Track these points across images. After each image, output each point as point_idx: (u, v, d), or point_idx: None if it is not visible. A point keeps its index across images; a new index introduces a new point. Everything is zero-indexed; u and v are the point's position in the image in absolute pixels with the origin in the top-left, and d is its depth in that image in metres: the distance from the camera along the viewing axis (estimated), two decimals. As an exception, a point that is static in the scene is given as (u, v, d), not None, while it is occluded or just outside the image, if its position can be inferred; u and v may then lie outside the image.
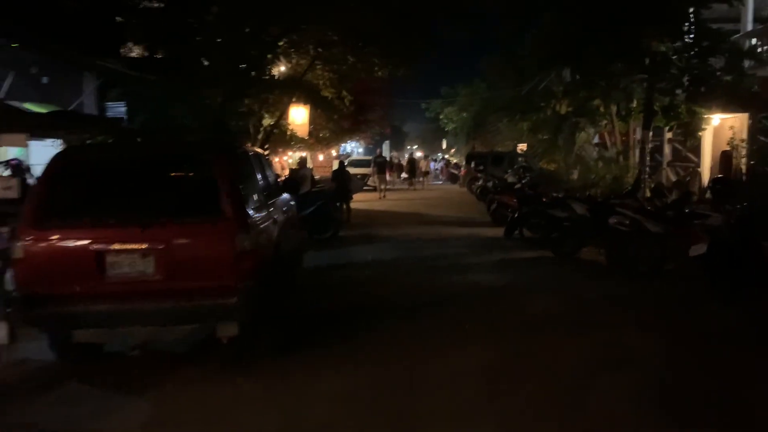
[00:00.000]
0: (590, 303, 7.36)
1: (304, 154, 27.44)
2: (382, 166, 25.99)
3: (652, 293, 7.86)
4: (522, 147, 30.91)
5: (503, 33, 17.75)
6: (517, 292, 7.87)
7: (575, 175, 14.43)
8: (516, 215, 12.28)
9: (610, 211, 9.89)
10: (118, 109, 11.85)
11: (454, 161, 47.87)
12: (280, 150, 22.97)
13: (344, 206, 15.39)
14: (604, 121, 14.83)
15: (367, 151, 61.74)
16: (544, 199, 12.34)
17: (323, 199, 11.91)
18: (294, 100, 19.73)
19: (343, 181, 15.19)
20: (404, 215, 17.81)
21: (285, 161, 24.91)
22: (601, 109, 14.29)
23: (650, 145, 12.44)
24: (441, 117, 45.16)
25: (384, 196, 24.79)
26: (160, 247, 4.39)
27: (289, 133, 19.86)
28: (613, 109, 14.50)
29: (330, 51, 18.29)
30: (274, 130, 19.74)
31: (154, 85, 11.63)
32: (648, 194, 11.70)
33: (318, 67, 19.56)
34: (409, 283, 8.33)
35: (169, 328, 4.65)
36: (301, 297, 7.43)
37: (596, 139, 19.64)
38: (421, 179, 32.78)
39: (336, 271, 9.30)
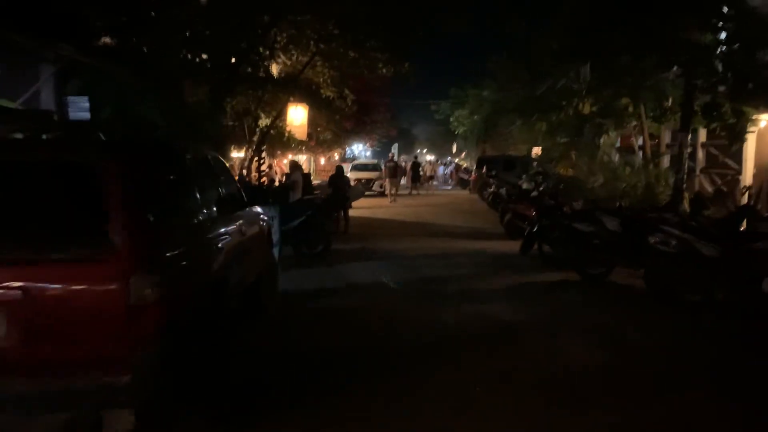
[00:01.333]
0: (641, 353, 5.77)
1: (303, 156, 26.07)
2: (393, 170, 25.34)
3: (715, 337, 6.27)
4: (536, 151, 29.35)
5: (514, 28, 16.04)
6: (541, 333, 6.31)
7: (599, 183, 12.84)
8: (534, 229, 10.72)
9: (649, 227, 8.34)
10: (81, 104, 10.38)
11: (464, 165, 46.29)
12: (279, 153, 21.53)
13: (342, 215, 13.90)
14: (633, 123, 13.26)
15: (375, 155, 60.39)
16: (566, 210, 10.80)
17: (312, 208, 10.40)
18: (292, 99, 18.33)
19: (340, 188, 13.67)
20: (409, 225, 16.27)
21: (284, 165, 23.48)
22: (630, 109, 12.70)
23: (686, 151, 10.82)
24: (451, 120, 43.62)
25: (395, 200, 24.12)
26: (13, 298, 2.90)
27: (286, 134, 18.39)
28: (643, 109, 12.91)
29: (330, 46, 16.87)
30: (271, 131, 18.33)
31: (120, 77, 10.20)
32: (685, 206, 10.17)
33: (318, 63, 18.17)
34: (408, 317, 6.78)
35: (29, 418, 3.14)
36: (270, 334, 5.93)
37: (617, 143, 18.08)
38: (425, 184, 31.26)
39: (321, 298, 7.77)
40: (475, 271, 9.60)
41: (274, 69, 19.06)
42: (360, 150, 54.52)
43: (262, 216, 6.47)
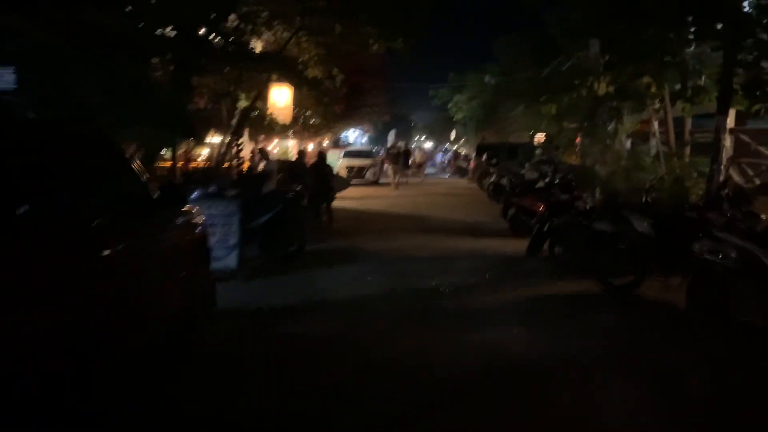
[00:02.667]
0: (715, 408, 4.22)
1: (291, 142, 24.31)
2: (396, 156, 25.23)
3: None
4: (539, 138, 27.69)
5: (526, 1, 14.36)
6: (564, 373, 4.75)
7: (617, 174, 11.25)
8: (544, 228, 9.15)
9: (691, 230, 6.79)
10: (6, 75, 8.74)
11: (463, 153, 44.61)
12: (262, 137, 19.87)
13: (324, 208, 12.30)
14: (657, 105, 11.66)
15: (371, 141, 58.62)
16: (579, 206, 9.24)
17: (283, 202, 8.79)
18: (274, 78, 16.67)
19: (322, 178, 12.06)
20: (402, 218, 14.68)
21: (270, 151, 21.81)
22: (653, 89, 11.08)
23: (725, 137, 9.23)
24: (450, 105, 41.89)
25: (396, 187, 23.54)
26: None
27: (268, 117, 16.73)
28: (667, 90, 11.30)
29: (315, 18, 15.20)
30: (251, 114, 16.69)
31: (54, 46, 8.55)
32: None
33: (303, 39, 16.51)
34: (393, 352, 5.18)
35: None
36: (198, 389, 4.35)
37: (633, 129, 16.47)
38: (410, 171, 29.61)
39: (284, 321, 6.18)
40: (478, 279, 8.01)
41: (259, 46, 17.41)
42: (356, 136, 52.77)
43: (188, 221, 4.85)
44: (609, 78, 11.29)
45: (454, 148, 50.33)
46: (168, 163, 19.17)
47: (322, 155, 12.56)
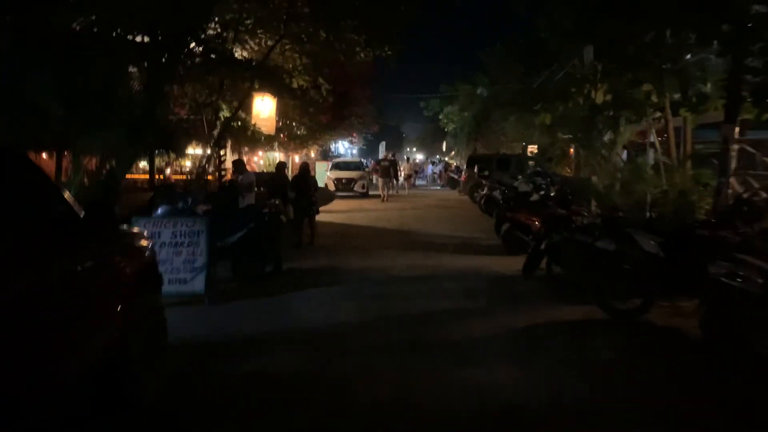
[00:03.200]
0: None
1: (277, 154, 23.54)
2: (387, 169, 24.71)
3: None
4: (532, 149, 27.15)
5: (516, 5, 13.81)
6: (563, 422, 4.05)
7: (616, 187, 10.60)
8: (541, 245, 8.47)
9: (705, 251, 6.15)
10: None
11: (454, 164, 44.06)
12: (246, 149, 19.15)
13: (306, 224, 11.58)
14: (658, 114, 11.06)
15: (361, 153, 58.01)
16: (576, 222, 8.60)
17: (257, 219, 8.08)
18: (256, 87, 16.01)
19: (304, 191, 11.35)
20: (389, 233, 13.98)
21: (249, 162, 21.09)
22: (654, 97, 10.49)
23: (735, 147, 8.63)
24: (440, 117, 41.37)
25: (385, 200, 23.09)
26: None
27: (250, 128, 16.03)
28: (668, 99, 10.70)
29: (299, 25, 14.58)
30: (233, 124, 16.00)
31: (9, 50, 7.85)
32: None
33: (287, 48, 15.88)
34: (369, 395, 4.46)
35: None
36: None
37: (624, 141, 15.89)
38: (399, 184, 29.06)
39: (246, 356, 5.41)
40: (468, 304, 7.31)
41: (243, 55, 16.78)
42: (346, 148, 52.12)
43: (127, 244, 4.13)
44: (605, 86, 10.69)
45: (446, 160, 49.82)
46: (146, 176, 18.49)
47: (304, 167, 11.86)
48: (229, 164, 21.72)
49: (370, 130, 34.31)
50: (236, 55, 14.82)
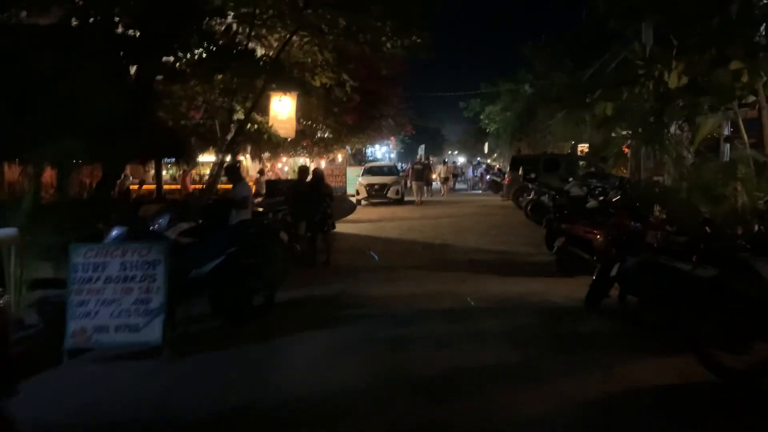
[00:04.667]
0: None
1: (302, 159, 21.84)
2: (420, 173, 24.08)
3: None
4: (582, 148, 24.89)
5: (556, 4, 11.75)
6: None
7: (699, 192, 8.45)
8: (610, 269, 6.49)
9: None
10: None
11: (496, 166, 41.83)
12: (266, 155, 17.60)
13: (320, 240, 9.84)
14: (752, 99, 8.90)
15: (399, 157, 56.30)
16: (652, 240, 6.61)
17: (240, 241, 6.33)
18: (274, 87, 14.44)
19: (317, 202, 9.61)
20: (421, 247, 12.10)
21: (279, 170, 19.53)
22: (744, 78, 8.35)
23: None
24: (481, 117, 39.25)
25: (420, 203, 22.57)
26: None
27: (266, 131, 14.44)
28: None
29: (316, 13, 12.91)
30: (248, 127, 14.46)
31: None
32: None
33: (306, 40, 14.28)
34: None
35: None
36: None
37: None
38: (439, 188, 27.49)
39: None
40: (514, 356, 5.38)
41: (262, 53, 15.28)
42: (384, 152, 50.49)
43: None
44: (681, 67, 8.59)
45: (487, 162, 47.59)
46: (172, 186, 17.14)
47: (318, 174, 10.09)
48: (254, 172, 20.35)
49: (403, 132, 32.35)
50: (256, 53, 13.30)
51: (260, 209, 10.38)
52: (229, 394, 4.60)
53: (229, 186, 14.77)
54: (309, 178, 10.12)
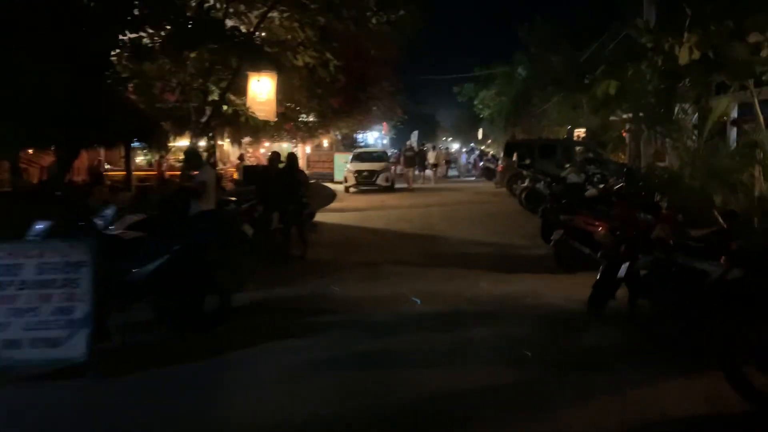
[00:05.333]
0: None
1: (285, 145, 20.76)
2: (411, 159, 24.08)
3: None
4: (579, 133, 24.02)
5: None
6: None
7: (715, 179, 7.60)
8: (616, 268, 5.63)
9: None
10: None
11: (490, 152, 40.90)
12: (246, 139, 16.64)
13: (294, 233, 8.96)
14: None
15: (393, 143, 55.21)
16: (662, 235, 5.75)
17: (189, 237, 5.42)
18: (249, 66, 13.49)
19: (291, 191, 8.71)
20: (407, 239, 11.25)
21: (262, 155, 18.55)
22: (764, 53, 7.49)
23: None
24: (475, 102, 38.21)
25: (411, 190, 22.34)
26: None
27: (243, 113, 13.46)
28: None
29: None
30: (225, 109, 13.52)
31: None
32: None
33: (285, 15, 13.31)
34: None
35: None
36: None
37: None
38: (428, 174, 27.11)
39: None
40: (510, 376, 4.52)
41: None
42: (375, 138, 49.41)
43: None
44: (694, 39, 7.71)
45: (481, 148, 46.64)
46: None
47: (291, 160, 9.16)
48: (233, 158, 19.37)
49: (394, 117, 31.31)
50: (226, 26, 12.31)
51: (232, 198, 9.48)
52: (162, 426, 3.75)
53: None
54: (282, 164, 9.21)
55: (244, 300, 6.41)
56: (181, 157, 17.49)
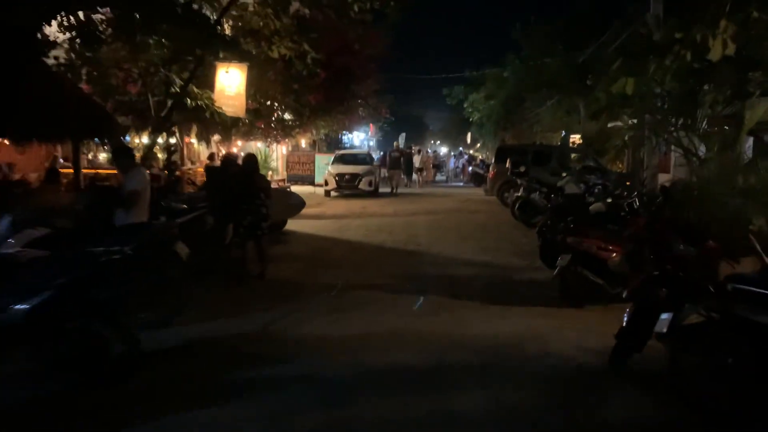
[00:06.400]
0: None
1: (260, 144, 19.15)
2: (396, 161, 23.58)
3: None
4: (575, 140, 22.81)
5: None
6: None
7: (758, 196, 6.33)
8: (647, 311, 4.32)
9: None
10: None
11: (479, 157, 39.66)
12: (215, 138, 15.19)
13: (250, 249, 7.57)
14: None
15: (380, 145, 53.93)
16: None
17: (77, 269, 4.03)
18: (221, 56, 12.16)
19: (243, 199, 7.33)
20: (386, 255, 9.89)
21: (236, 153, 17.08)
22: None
23: None
24: (465, 105, 36.92)
25: (395, 193, 22.09)
26: None
27: (207, 108, 12.03)
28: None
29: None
30: (186, 102, 12.10)
31: None
32: None
33: (258, 1, 12.00)
34: None
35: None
36: None
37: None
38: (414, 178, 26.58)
39: None
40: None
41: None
42: (362, 139, 48.02)
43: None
44: (731, 30, 6.44)
45: (470, 152, 45.42)
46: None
47: (250, 161, 7.74)
48: (204, 157, 17.89)
49: (380, 118, 29.90)
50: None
51: (183, 206, 8.08)
52: None
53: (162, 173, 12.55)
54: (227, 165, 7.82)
55: (170, 339, 5.05)
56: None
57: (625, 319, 4.57)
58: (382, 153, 30.41)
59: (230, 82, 12.77)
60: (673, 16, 10.27)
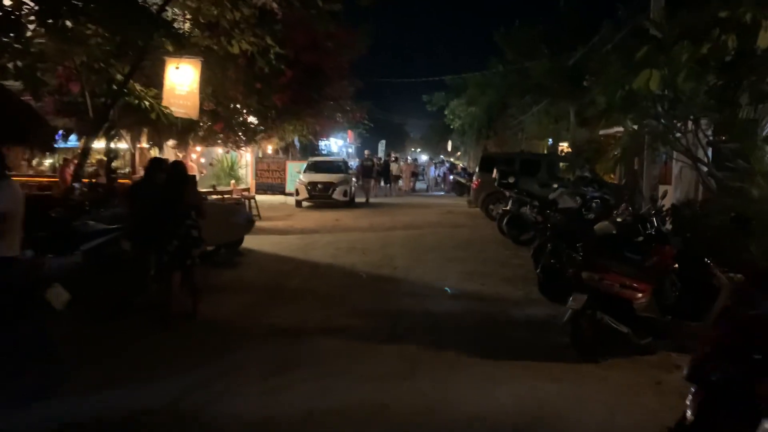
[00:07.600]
0: None
1: (221, 150, 17.39)
2: (369, 170, 23.33)
3: None
4: (563, 147, 21.51)
5: None
6: None
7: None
8: (723, 392, 2.85)
9: None
10: None
11: (460, 165, 38.35)
12: (170, 143, 13.54)
13: (178, 282, 5.98)
14: None
15: (359, 153, 52.42)
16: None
17: None
18: (170, 50, 10.60)
19: (168, 219, 5.75)
20: (356, 282, 8.35)
21: (194, 162, 15.42)
22: None
23: None
24: (446, 112, 35.56)
25: (367, 201, 21.73)
26: None
27: (152, 108, 10.42)
28: None
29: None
30: (129, 101, 10.53)
31: None
32: None
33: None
34: None
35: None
36: None
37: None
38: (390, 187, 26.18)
39: None
40: None
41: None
42: (340, 146, 46.51)
43: None
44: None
45: (451, 160, 44.11)
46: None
47: (178, 169, 6.15)
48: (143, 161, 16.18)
49: (358, 124, 28.38)
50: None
51: (101, 226, 6.46)
52: None
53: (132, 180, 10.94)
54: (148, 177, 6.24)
55: (37, 421, 3.48)
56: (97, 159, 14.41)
57: (690, 404, 3.09)
58: (359, 161, 28.99)
59: (181, 80, 11.20)
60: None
